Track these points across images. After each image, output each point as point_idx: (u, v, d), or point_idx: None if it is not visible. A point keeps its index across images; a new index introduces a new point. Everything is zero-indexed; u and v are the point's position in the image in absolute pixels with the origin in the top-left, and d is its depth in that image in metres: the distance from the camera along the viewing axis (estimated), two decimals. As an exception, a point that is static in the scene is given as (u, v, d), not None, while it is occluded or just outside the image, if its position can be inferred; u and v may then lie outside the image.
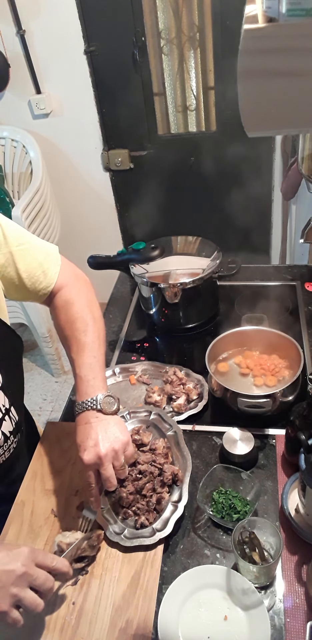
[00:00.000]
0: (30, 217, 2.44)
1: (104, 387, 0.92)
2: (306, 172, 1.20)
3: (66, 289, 1.01)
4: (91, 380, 0.91)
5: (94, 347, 0.94)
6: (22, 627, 0.76)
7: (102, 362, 0.95)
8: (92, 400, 0.89)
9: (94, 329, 0.97)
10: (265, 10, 0.49)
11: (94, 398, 0.89)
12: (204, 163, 2.63)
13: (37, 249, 0.99)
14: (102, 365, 0.95)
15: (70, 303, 0.99)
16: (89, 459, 0.85)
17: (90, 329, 0.96)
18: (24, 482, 1.07)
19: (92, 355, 0.94)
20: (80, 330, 0.96)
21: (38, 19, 2.38)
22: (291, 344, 1.19)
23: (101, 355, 0.96)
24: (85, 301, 1.00)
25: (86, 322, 0.97)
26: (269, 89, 0.49)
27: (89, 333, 0.95)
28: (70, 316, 0.97)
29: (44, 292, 1.01)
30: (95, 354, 0.94)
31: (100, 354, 0.96)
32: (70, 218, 2.94)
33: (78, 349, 0.94)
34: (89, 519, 0.92)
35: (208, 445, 1.11)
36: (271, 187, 2.65)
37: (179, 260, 1.47)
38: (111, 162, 2.72)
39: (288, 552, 0.89)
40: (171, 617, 0.81)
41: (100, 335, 0.98)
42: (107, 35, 2.37)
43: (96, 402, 0.89)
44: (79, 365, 0.93)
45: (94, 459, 0.85)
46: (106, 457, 0.85)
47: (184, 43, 2.36)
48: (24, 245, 0.97)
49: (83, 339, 0.95)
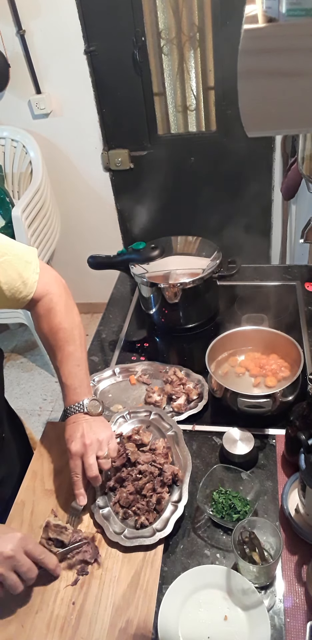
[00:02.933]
0: (30, 217, 2.44)
1: (89, 392, 1.01)
2: (306, 172, 1.20)
3: (47, 298, 1.04)
4: (78, 388, 1.00)
5: (77, 356, 1.01)
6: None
7: (85, 369, 1.03)
8: (79, 405, 0.99)
9: (76, 338, 1.03)
10: (265, 10, 0.49)
11: (81, 403, 0.99)
12: (204, 163, 2.63)
13: (17, 258, 0.98)
14: (86, 372, 1.03)
15: (53, 312, 1.03)
16: (75, 449, 0.94)
17: (72, 338, 1.02)
18: (24, 482, 1.07)
19: (76, 364, 1.01)
20: (64, 340, 1.01)
21: (38, 19, 2.38)
22: (291, 344, 1.19)
23: (84, 361, 1.03)
24: (66, 309, 1.04)
25: (68, 331, 1.02)
26: (269, 89, 0.49)
27: (71, 342, 1.01)
28: (53, 326, 1.02)
29: (23, 300, 1.02)
30: (79, 362, 1.01)
31: (83, 360, 1.03)
32: (70, 218, 2.94)
33: (62, 359, 1.00)
34: (76, 510, 0.97)
35: (208, 445, 1.11)
36: (271, 187, 2.65)
37: (179, 260, 1.47)
38: (111, 162, 2.72)
39: (288, 552, 0.89)
40: (171, 617, 0.81)
41: (82, 343, 1.04)
42: (107, 35, 2.38)
43: (83, 406, 0.99)
44: (64, 374, 1.00)
45: (81, 448, 0.94)
46: (91, 446, 0.95)
47: (184, 43, 2.36)
48: (5, 257, 0.96)
49: (67, 349, 1.01)
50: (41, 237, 2.58)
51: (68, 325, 1.02)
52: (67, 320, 1.03)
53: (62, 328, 1.02)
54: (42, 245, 2.59)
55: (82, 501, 0.96)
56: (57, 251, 2.89)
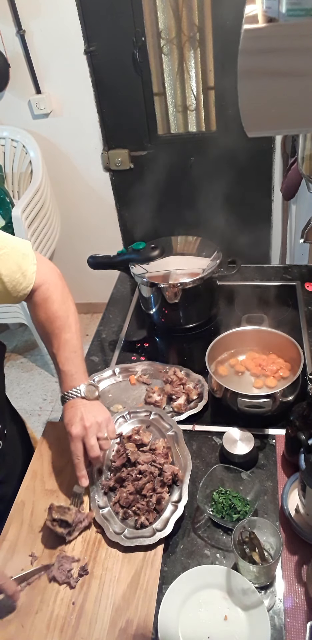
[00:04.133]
0: (30, 217, 2.44)
1: (85, 378, 1.04)
2: (306, 172, 1.20)
3: (44, 287, 1.05)
4: (74, 374, 1.02)
5: (73, 342, 1.04)
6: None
7: (81, 355, 1.06)
8: (76, 390, 1.01)
9: (72, 325, 1.05)
10: (265, 10, 0.49)
11: (78, 388, 1.01)
12: (204, 163, 2.63)
13: (15, 250, 1.00)
14: (82, 358, 1.06)
15: (49, 301, 1.05)
16: (76, 432, 0.97)
17: (68, 325, 1.04)
18: (24, 482, 1.07)
19: (72, 350, 1.03)
20: (61, 328, 1.03)
21: (38, 19, 2.38)
22: (291, 344, 1.19)
23: (80, 348, 1.05)
24: (62, 297, 1.07)
25: (65, 319, 1.05)
26: (269, 89, 0.49)
27: (67, 329, 1.04)
28: (50, 314, 1.04)
29: (23, 292, 1.03)
30: (75, 348, 1.04)
31: (79, 347, 1.05)
32: (70, 218, 2.94)
33: (59, 345, 1.03)
34: (78, 493, 0.99)
35: (208, 445, 1.11)
36: (271, 187, 2.65)
37: (179, 260, 1.47)
38: (111, 162, 2.72)
39: (288, 552, 0.89)
40: (171, 617, 0.81)
41: (77, 330, 1.06)
42: (107, 35, 2.37)
43: (80, 391, 1.01)
44: (61, 361, 1.02)
45: (81, 430, 0.97)
46: (91, 427, 0.98)
47: (184, 43, 2.36)
48: (5, 249, 0.98)
49: (63, 336, 1.03)
50: (41, 237, 2.58)
51: (64, 313, 1.05)
52: (63, 308, 1.05)
53: (58, 316, 1.04)
54: (42, 245, 2.59)
55: (84, 483, 0.98)
56: (57, 251, 2.89)
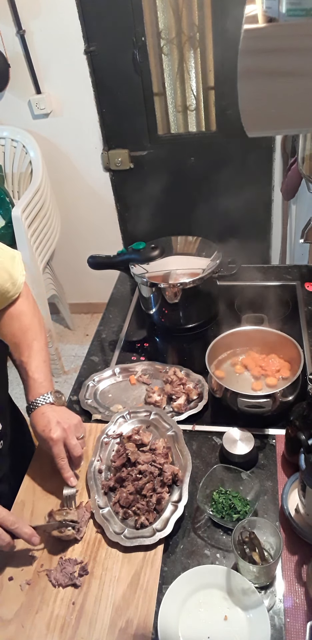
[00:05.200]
0: (30, 217, 2.43)
1: (52, 386, 1.08)
2: (306, 172, 1.20)
3: (21, 300, 1.12)
4: (43, 382, 1.06)
5: (43, 353, 1.09)
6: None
7: (49, 365, 1.11)
8: (44, 397, 1.04)
9: (42, 337, 1.12)
10: (265, 10, 0.49)
11: (46, 395, 1.04)
12: (204, 163, 2.63)
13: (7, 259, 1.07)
14: (50, 368, 1.11)
15: (23, 314, 1.11)
16: (57, 435, 0.98)
17: (39, 337, 1.11)
18: (24, 482, 1.07)
19: (42, 360, 1.08)
20: (32, 339, 1.09)
21: (38, 19, 2.38)
22: (291, 344, 1.19)
23: (48, 359, 1.11)
24: (33, 311, 1.14)
25: (36, 331, 1.11)
26: (269, 89, 0.49)
27: (38, 340, 1.10)
28: (23, 326, 1.10)
29: (10, 300, 1.09)
30: (45, 358, 1.09)
31: (48, 358, 1.11)
32: (70, 218, 2.94)
33: (30, 354, 1.07)
34: (69, 495, 0.99)
35: (208, 445, 1.11)
36: (271, 187, 2.65)
37: (179, 260, 1.47)
38: (111, 162, 2.72)
39: (288, 552, 0.89)
40: (171, 617, 0.81)
41: (46, 342, 1.14)
42: (107, 35, 2.37)
43: (49, 397, 1.04)
44: (31, 369, 1.06)
45: (61, 433, 0.99)
46: (69, 429, 1.01)
47: (184, 43, 2.36)
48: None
49: (34, 346, 1.08)
50: (41, 237, 2.58)
51: (36, 325, 1.12)
52: (34, 321, 1.12)
53: (30, 327, 1.10)
54: (42, 245, 2.59)
55: (73, 482, 1.00)
56: (57, 251, 2.89)
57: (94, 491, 1.00)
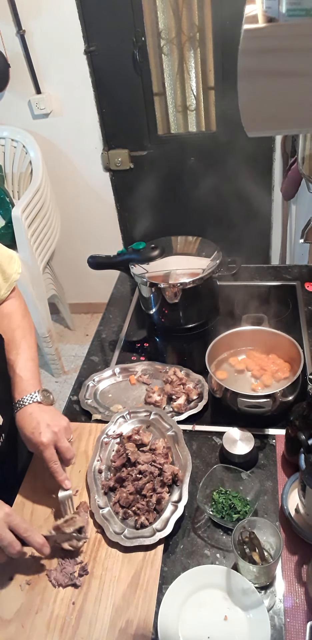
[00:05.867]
0: (30, 217, 2.44)
1: (39, 384, 1.05)
2: (306, 172, 1.20)
3: (12, 300, 1.13)
4: (30, 380, 1.03)
5: (31, 352, 1.08)
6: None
7: (37, 364, 1.09)
8: (31, 396, 1.01)
9: (31, 336, 1.11)
10: (265, 10, 0.49)
11: (33, 393, 1.01)
12: (204, 163, 2.63)
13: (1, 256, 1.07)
14: (38, 367, 1.10)
15: (13, 313, 1.11)
16: (48, 438, 0.95)
17: (28, 336, 1.10)
18: (24, 482, 1.07)
19: (30, 358, 1.06)
20: (21, 337, 1.08)
21: (38, 19, 2.38)
22: (291, 344, 1.19)
23: (36, 358, 1.10)
24: (23, 312, 1.14)
25: (25, 330, 1.10)
26: (269, 89, 0.49)
27: (27, 339, 1.09)
28: (12, 324, 1.09)
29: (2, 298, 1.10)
30: (33, 357, 1.08)
31: (36, 357, 1.10)
32: (70, 218, 2.94)
33: (18, 352, 1.06)
34: (65, 498, 0.97)
35: (208, 445, 1.11)
36: (271, 187, 2.65)
37: (179, 260, 1.47)
38: (111, 162, 2.72)
39: (288, 552, 0.90)
40: (171, 617, 0.81)
41: (35, 341, 1.12)
42: (107, 35, 2.38)
43: (36, 396, 1.01)
44: (19, 367, 1.04)
45: (52, 436, 0.96)
46: (60, 432, 0.98)
47: (184, 43, 2.36)
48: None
49: (23, 345, 1.07)
50: (41, 237, 2.58)
51: (25, 325, 1.11)
52: (24, 321, 1.12)
53: (20, 326, 1.10)
54: (42, 245, 2.59)
55: (68, 484, 0.98)
56: (57, 251, 2.89)
57: (94, 491, 1.00)
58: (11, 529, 0.84)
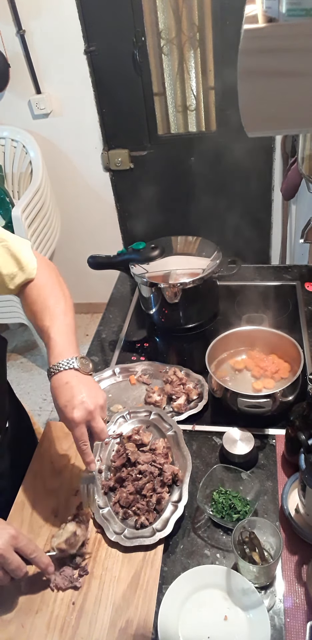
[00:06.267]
0: (30, 217, 2.44)
1: (77, 351, 0.94)
2: (306, 172, 1.20)
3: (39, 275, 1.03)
4: (66, 344, 0.93)
5: (67, 318, 0.97)
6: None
7: (74, 330, 0.98)
8: (68, 361, 0.90)
9: (66, 304, 1.00)
10: (265, 10, 0.49)
11: (70, 359, 0.90)
12: (204, 163, 2.63)
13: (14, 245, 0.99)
14: (75, 333, 0.98)
15: (42, 283, 1.02)
16: (80, 416, 0.86)
17: (62, 302, 1.00)
18: (24, 482, 1.07)
19: (65, 323, 0.96)
20: (54, 303, 0.98)
21: (38, 19, 2.38)
22: (291, 344, 1.19)
23: (73, 325, 0.99)
24: (56, 282, 1.04)
25: (58, 297, 1.00)
26: (269, 89, 0.49)
27: (61, 305, 0.99)
28: (42, 293, 1.00)
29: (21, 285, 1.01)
30: (69, 322, 0.97)
31: (73, 324, 0.98)
32: (70, 218, 2.94)
33: (52, 318, 0.96)
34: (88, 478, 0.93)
35: (208, 445, 1.11)
36: (271, 187, 2.65)
37: (179, 260, 1.47)
38: (111, 162, 2.72)
39: (288, 552, 0.89)
40: (171, 617, 0.81)
41: (71, 309, 1.01)
42: (107, 35, 2.37)
43: (73, 362, 0.90)
44: (53, 331, 0.94)
45: (85, 415, 0.87)
46: (95, 411, 0.88)
47: (184, 43, 2.36)
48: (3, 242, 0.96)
49: (56, 310, 0.97)
50: (41, 237, 2.58)
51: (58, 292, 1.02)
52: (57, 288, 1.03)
53: (52, 294, 1.01)
54: (42, 245, 2.59)
55: (93, 467, 0.92)
56: (57, 251, 2.89)
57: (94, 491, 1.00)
58: (17, 550, 0.82)
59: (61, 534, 0.90)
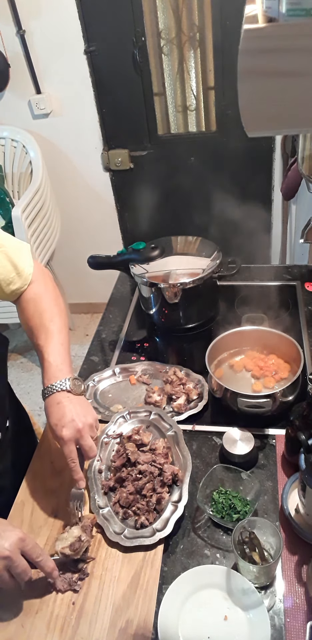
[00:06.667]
0: (30, 217, 2.44)
1: (71, 371, 0.98)
2: (306, 172, 1.20)
3: (34, 284, 1.06)
4: (60, 365, 0.97)
5: (61, 336, 1.01)
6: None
7: (68, 349, 1.02)
8: (61, 383, 0.95)
9: (60, 319, 1.03)
10: (265, 10, 0.49)
11: (63, 380, 0.95)
12: (204, 163, 2.63)
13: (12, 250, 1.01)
14: (69, 353, 1.02)
15: (38, 296, 1.04)
16: (69, 434, 0.91)
17: (57, 319, 1.03)
18: (24, 482, 1.07)
19: (59, 342, 0.99)
20: (49, 320, 1.01)
21: (38, 19, 2.38)
22: (291, 344, 1.19)
23: (67, 342, 1.02)
24: (52, 295, 1.07)
25: (53, 313, 1.03)
26: (269, 89, 0.49)
27: (56, 322, 1.02)
28: (38, 308, 1.03)
29: (17, 292, 1.04)
30: (63, 341, 1.00)
31: (66, 341, 1.02)
32: (70, 218, 2.94)
33: (47, 337, 0.99)
34: (78, 495, 0.95)
35: (208, 445, 1.11)
36: (271, 187, 2.65)
37: (179, 260, 1.47)
38: (111, 162, 2.72)
39: (288, 552, 0.89)
40: (171, 617, 0.81)
41: (65, 324, 1.04)
42: (107, 35, 2.37)
43: (66, 384, 0.95)
44: (47, 351, 0.98)
45: (74, 433, 0.91)
46: (84, 429, 0.92)
47: (184, 43, 2.36)
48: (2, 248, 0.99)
49: (51, 328, 1.00)
50: (41, 237, 2.58)
51: (53, 308, 1.04)
52: (52, 304, 1.05)
53: (47, 309, 1.03)
54: (42, 245, 2.59)
55: (83, 485, 0.95)
56: (57, 251, 2.89)
57: (94, 491, 1.00)
58: (23, 554, 0.82)
59: (66, 538, 0.90)
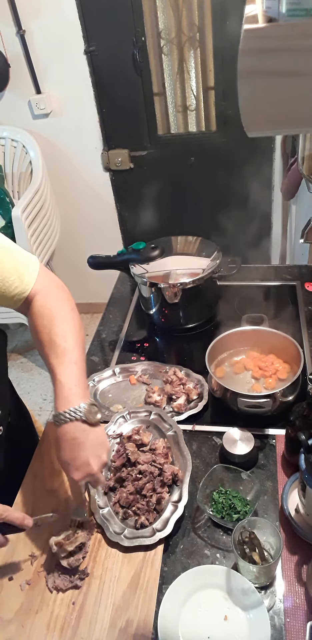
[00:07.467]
0: (30, 217, 2.44)
1: (86, 395, 0.87)
2: (306, 172, 1.20)
3: (43, 294, 0.94)
4: (73, 388, 0.85)
5: (75, 354, 0.89)
6: None
7: (83, 369, 0.90)
8: (75, 410, 0.83)
9: (74, 336, 0.91)
10: (265, 10, 0.49)
11: (78, 407, 0.84)
12: (204, 163, 2.63)
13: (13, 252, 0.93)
14: (84, 373, 0.90)
15: (48, 307, 0.92)
16: (80, 477, 0.84)
17: (70, 334, 0.90)
18: (24, 482, 1.07)
19: (72, 361, 0.88)
20: (60, 335, 0.89)
21: (38, 19, 2.38)
22: (291, 344, 1.19)
23: (82, 362, 0.90)
24: (67, 307, 0.95)
25: (66, 327, 0.91)
26: (269, 89, 0.49)
27: (69, 339, 0.89)
28: (48, 321, 0.91)
29: (19, 297, 0.93)
30: (76, 360, 0.88)
31: (81, 360, 0.90)
32: (70, 218, 2.94)
33: (58, 355, 0.87)
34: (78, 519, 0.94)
35: (208, 445, 1.11)
36: (271, 187, 2.65)
37: (179, 260, 1.47)
38: (111, 162, 2.72)
39: (288, 552, 0.89)
40: (171, 617, 0.81)
41: (81, 342, 0.92)
42: (107, 35, 2.37)
43: (81, 411, 0.84)
44: (59, 372, 0.86)
45: (85, 477, 0.85)
46: (97, 472, 0.86)
47: (184, 43, 2.36)
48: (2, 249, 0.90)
49: (63, 345, 0.88)
50: (41, 237, 2.58)
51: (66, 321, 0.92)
52: (65, 317, 0.93)
53: (59, 322, 0.91)
54: (42, 245, 2.59)
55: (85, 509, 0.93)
56: (57, 251, 2.89)
57: (94, 491, 1.00)
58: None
59: (61, 535, 0.91)
